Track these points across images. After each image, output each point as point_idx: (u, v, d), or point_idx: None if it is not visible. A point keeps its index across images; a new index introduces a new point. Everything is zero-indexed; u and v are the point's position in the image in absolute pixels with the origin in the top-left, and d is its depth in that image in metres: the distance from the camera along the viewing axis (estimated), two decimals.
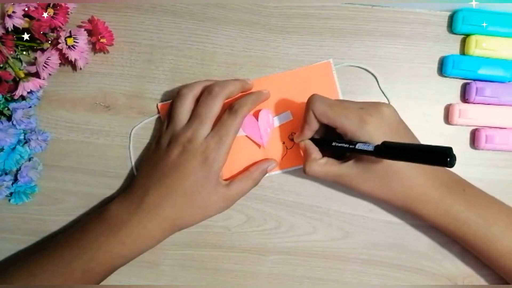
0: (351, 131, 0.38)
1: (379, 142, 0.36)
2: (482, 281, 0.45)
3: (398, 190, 0.39)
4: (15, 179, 0.44)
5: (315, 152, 0.41)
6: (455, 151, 0.40)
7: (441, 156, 0.29)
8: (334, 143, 0.39)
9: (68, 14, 0.44)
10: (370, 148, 0.35)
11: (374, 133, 0.37)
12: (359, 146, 0.37)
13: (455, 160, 0.29)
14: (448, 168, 0.40)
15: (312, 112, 0.39)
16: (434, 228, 0.45)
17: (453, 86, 0.45)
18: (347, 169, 0.39)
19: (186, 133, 0.41)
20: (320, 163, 0.40)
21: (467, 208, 0.39)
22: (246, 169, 0.44)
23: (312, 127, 0.40)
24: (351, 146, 0.37)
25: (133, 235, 0.40)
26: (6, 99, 0.43)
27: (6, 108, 0.43)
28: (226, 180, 0.43)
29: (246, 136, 0.45)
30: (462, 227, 0.39)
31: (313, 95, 0.40)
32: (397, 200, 0.40)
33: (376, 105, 0.39)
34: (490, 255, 0.40)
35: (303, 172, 0.41)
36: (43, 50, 0.43)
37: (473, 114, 0.44)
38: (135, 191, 0.41)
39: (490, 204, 0.40)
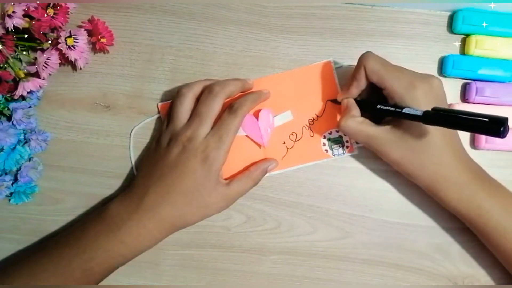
0: (399, 93, 0.38)
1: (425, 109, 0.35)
2: (482, 281, 0.45)
3: (427, 165, 0.38)
4: (15, 179, 0.44)
5: (355, 110, 0.41)
6: None
7: (496, 125, 0.28)
8: (379, 105, 0.39)
9: (68, 14, 0.44)
10: (419, 113, 0.34)
11: (421, 100, 0.37)
12: (406, 110, 0.36)
13: (507, 132, 0.28)
14: (475, 160, 0.40)
15: (364, 68, 0.39)
16: (434, 228, 0.45)
17: (453, 86, 0.45)
18: (382, 133, 0.39)
19: (186, 132, 0.41)
20: (357, 121, 0.40)
21: (491, 197, 0.39)
22: (246, 169, 0.44)
23: (361, 84, 0.40)
24: (397, 110, 0.37)
25: (133, 234, 0.40)
26: (6, 99, 0.43)
27: (6, 108, 0.43)
28: (226, 179, 0.43)
29: (247, 136, 0.45)
30: (484, 216, 0.39)
31: (367, 52, 0.40)
32: (424, 175, 0.39)
33: (427, 75, 0.39)
34: (507, 250, 0.39)
35: (337, 127, 0.40)
36: (43, 50, 0.43)
37: None
38: (135, 191, 0.41)
39: None
